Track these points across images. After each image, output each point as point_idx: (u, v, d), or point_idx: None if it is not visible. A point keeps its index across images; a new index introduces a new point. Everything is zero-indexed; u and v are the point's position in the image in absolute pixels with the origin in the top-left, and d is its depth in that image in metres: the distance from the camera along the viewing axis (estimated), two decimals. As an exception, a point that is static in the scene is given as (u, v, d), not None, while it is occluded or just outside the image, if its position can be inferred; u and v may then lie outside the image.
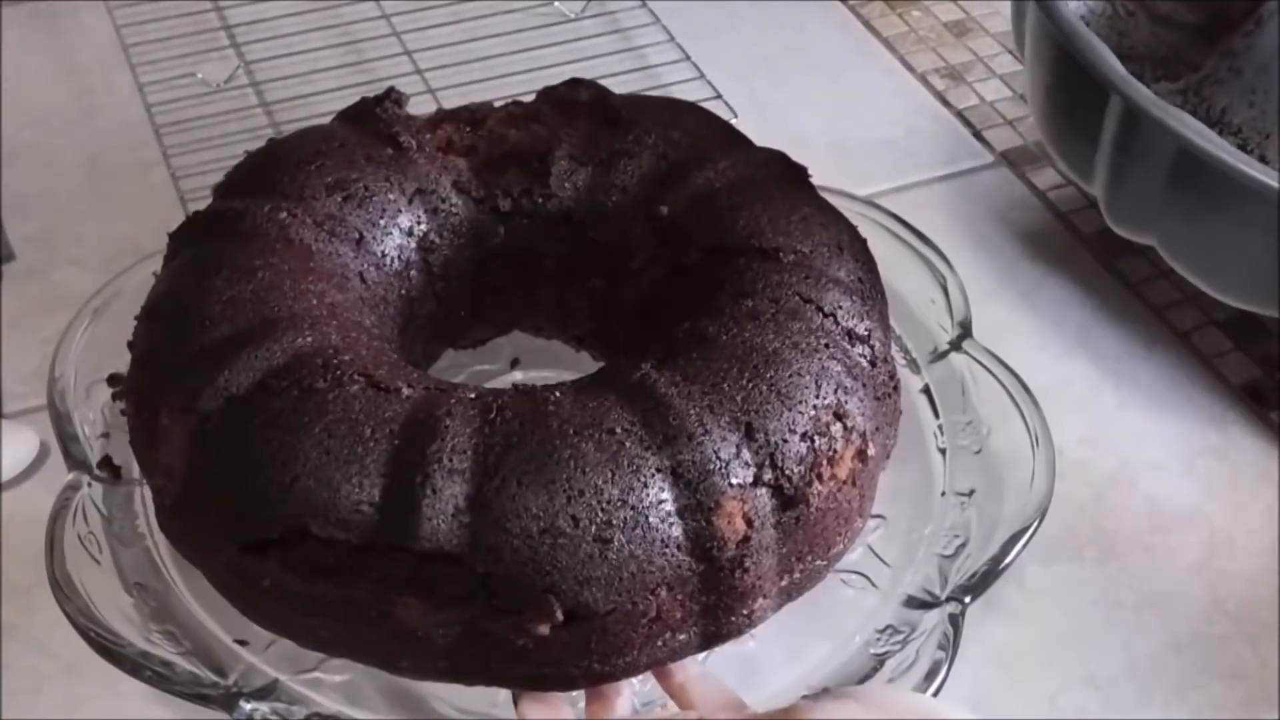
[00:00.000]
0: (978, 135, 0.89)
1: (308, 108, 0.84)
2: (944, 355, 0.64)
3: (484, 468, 0.48)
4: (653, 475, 0.48)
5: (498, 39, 0.91)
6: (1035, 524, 0.57)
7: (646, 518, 0.48)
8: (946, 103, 0.91)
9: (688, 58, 0.90)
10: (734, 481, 0.49)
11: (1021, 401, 0.61)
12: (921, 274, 0.66)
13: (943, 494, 0.60)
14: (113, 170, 0.85)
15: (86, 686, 0.60)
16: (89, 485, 0.57)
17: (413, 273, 0.59)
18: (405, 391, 0.50)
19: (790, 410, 0.50)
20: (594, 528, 0.47)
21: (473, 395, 0.50)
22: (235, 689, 0.51)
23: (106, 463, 0.58)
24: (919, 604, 0.55)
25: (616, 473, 0.48)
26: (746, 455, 0.49)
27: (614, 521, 0.47)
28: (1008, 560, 0.56)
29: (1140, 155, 0.66)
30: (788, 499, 0.50)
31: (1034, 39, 0.73)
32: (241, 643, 0.53)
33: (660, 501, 0.48)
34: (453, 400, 0.50)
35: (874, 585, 0.57)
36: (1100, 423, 0.72)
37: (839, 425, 0.51)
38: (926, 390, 0.63)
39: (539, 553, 0.47)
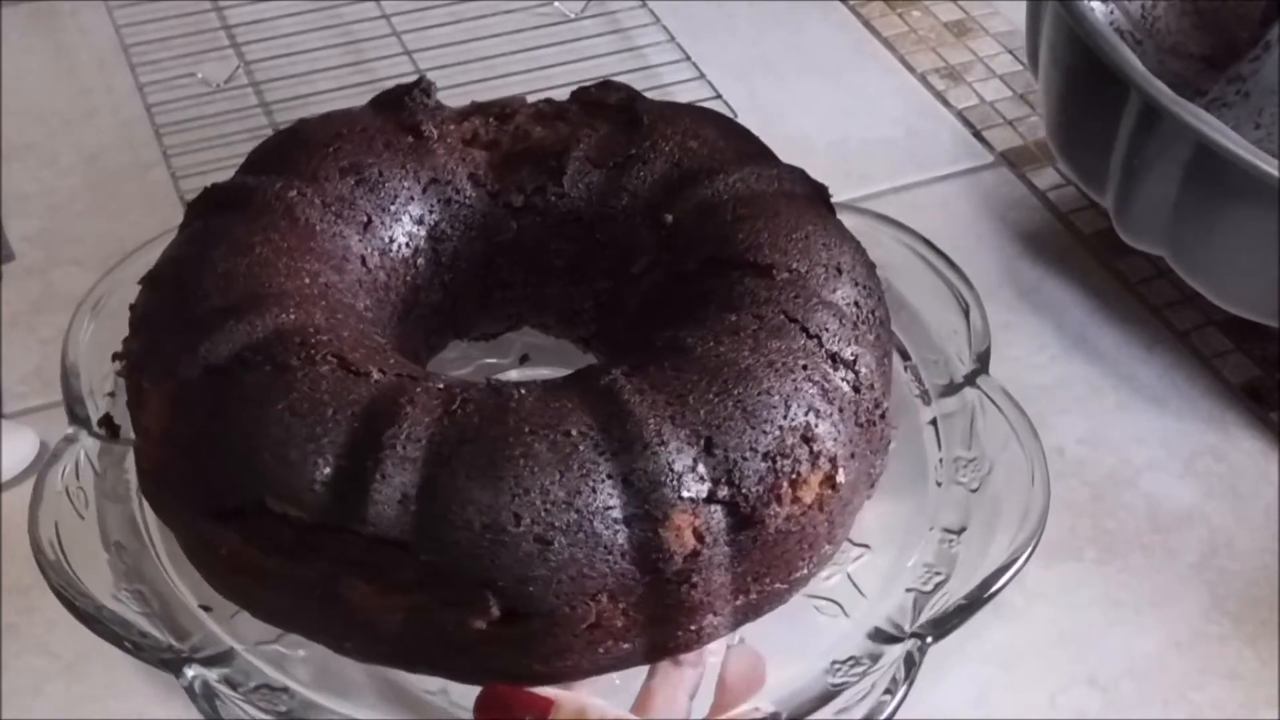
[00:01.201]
0: (978, 135, 0.89)
1: (308, 108, 0.84)
2: (958, 389, 0.63)
3: (436, 458, 0.48)
4: (603, 481, 0.48)
5: (498, 39, 0.91)
6: (1013, 569, 0.55)
7: (591, 523, 0.47)
8: (946, 103, 0.91)
9: (688, 58, 0.90)
10: (685, 495, 0.48)
11: (1027, 444, 0.60)
12: (947, 302, 0.65)
13: (931, 529, 0.59)
14: (112, 170, 0.85)
15: (86, 686, 0.60)
16: (86, 440, 0.58)
17: (420, 260, 0.60)
18: (375, 376, 0.50)
19: (754, 428, 0.50)
20: (537, 527, 0.47)
21: (440, 385, 0.51)
22: (187, 654, 0.51)
23: (106, 421, 0.58)
24: (885, 637, 0.54)
25: (565, 475, 0.48)
26: (703, 470, 0.49)
27: (557, 523, 0.47)
28: (985, 596, 0.54)
29: (1156, 155, 0.66)
30: (743, 518, 0.49)
31: (1051, 40, 0.72)
32: (206, 609, 0.53)
33: (608, 508, 0.48)
34: (418, 389, 0.50)
35: (846, 614, 0.56)
36: (1100, 423, 0.72)
37: (805, 448, 0.51)
38: (934, 423, 0.62)
39: (479, 547, 0.47)
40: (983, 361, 0.63)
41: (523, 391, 0.50)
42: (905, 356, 0.64)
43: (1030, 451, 0.59)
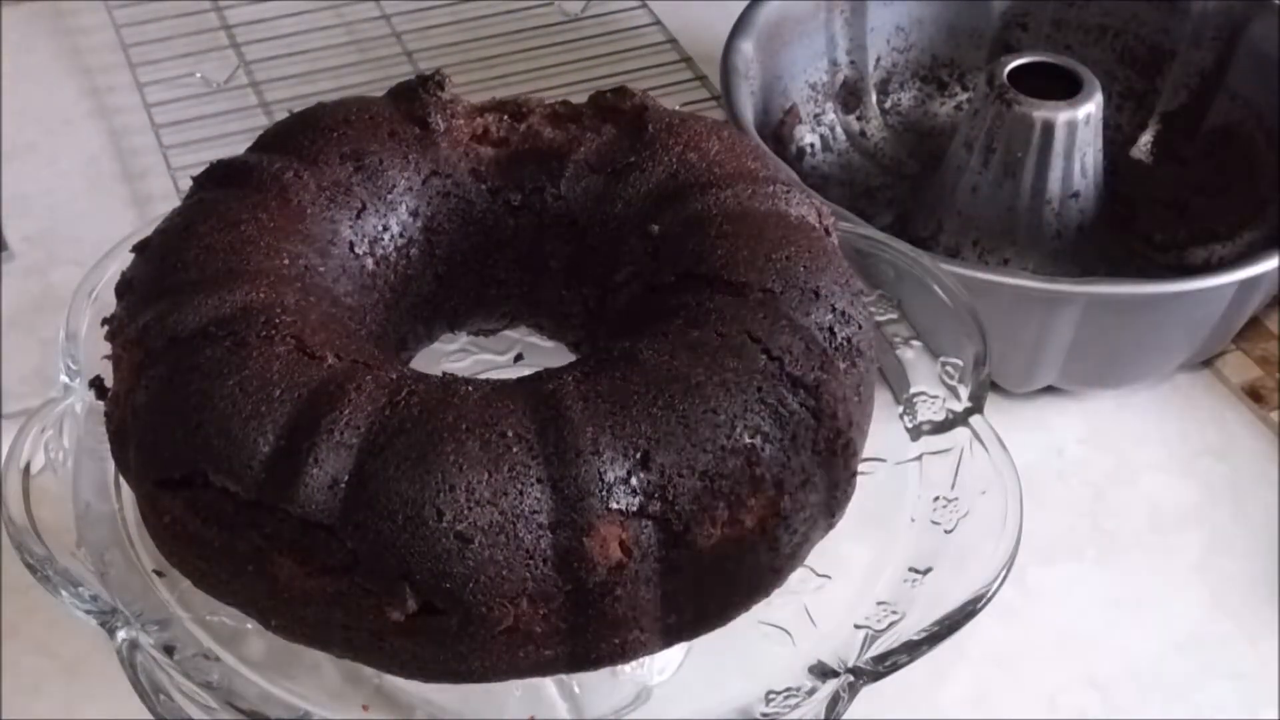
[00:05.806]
0: (978, 135, 0.89)
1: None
2: (949, 426, 0.61)
3: (371, 446, 0.48)
4: (532, 484, 0.47)
5: (498, 39, 0.91)
6: (965, 617, 0.53)
7: (514, 525, 0.47)
8: (946, 103, 0.91)
9: (689, 59, 0.90)
10: (614, 506, 0.48)
11: (1007, 490, 0.57)
12: (958, 339, 0.63)
13: (897, 566, 0.57)
14: (113, 170, 0.85)
15: (86, 686, 0.60)
16: (79, 398, 0.58)
17: (413, 251, 0.60)
18: (329, 360, 0.51)
19: (694, 446, 0.49)
20: (459, 524, 0.47)
21: (393, 375, 0.51)
22: (127, 616, 0.52)
23: (97, 382, 0.58)
24: (824, 672, 0.52)
25: (494, 474, 0.47)
26: (636, 483, 0.48)
27: (479, 522, 0.47)
28: (928, 641, 0.52)
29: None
30: (674, 535, 0.48)
31: None
32: (159, 574, 0.54)
33: (534, 512, 0.47)
34: (368, 377, 0.50)
35: (794, 644, 0.55)
36: (1100, 423, 0.72)
37: (747, 471, 0.49)
38: (920, 459, 0.60)
39: (399, 539, 0.47)
40: (977, 401, 0.61)
41: (469, 388, 0.50)
42: (904, 388, 0.63)
43: (1008, 498, 0.57)
